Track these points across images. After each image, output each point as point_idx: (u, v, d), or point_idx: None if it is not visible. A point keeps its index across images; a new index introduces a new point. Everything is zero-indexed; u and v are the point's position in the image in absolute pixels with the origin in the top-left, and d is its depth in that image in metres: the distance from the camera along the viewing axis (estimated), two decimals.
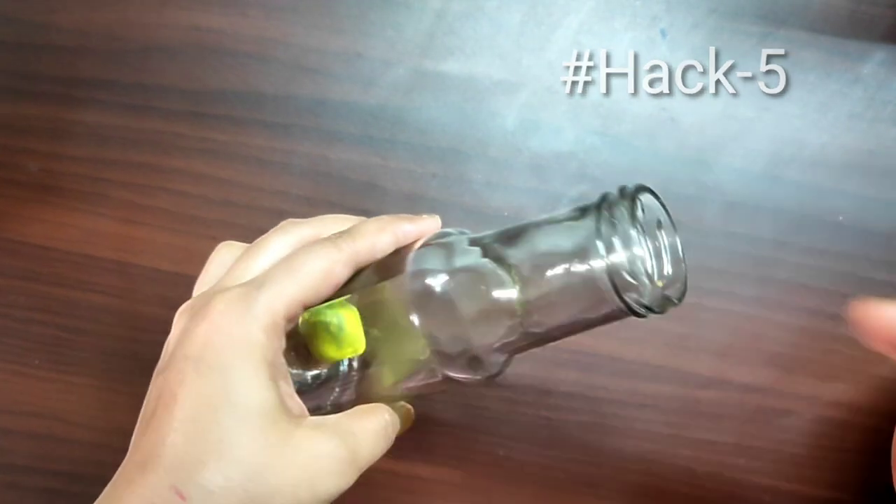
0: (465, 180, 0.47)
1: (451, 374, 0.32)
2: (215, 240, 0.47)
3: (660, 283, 0.28)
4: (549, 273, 0.29)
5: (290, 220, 0.35)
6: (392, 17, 0.47)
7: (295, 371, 0.36)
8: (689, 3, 0.45)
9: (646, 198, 0.29)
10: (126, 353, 0.49)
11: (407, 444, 0.47)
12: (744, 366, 0.47)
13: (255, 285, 0.31)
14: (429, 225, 0.35)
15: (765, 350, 0.47)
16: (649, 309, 0.28)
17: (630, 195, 0.28)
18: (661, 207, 0.30)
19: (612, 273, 0.27)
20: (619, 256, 0.27)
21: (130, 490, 0.29)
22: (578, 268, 0.28)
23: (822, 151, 0.46)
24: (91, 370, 0.49)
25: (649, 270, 0.28)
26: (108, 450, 0.33)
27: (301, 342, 0.34)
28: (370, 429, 0.33)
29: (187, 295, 0.34)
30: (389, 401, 0.35)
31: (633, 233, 0.27)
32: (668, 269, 0.29)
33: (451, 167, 0.47)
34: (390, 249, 0.33)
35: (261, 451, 0.29)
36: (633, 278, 0.27)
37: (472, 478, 0.48)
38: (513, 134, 0.46)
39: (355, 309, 0.33)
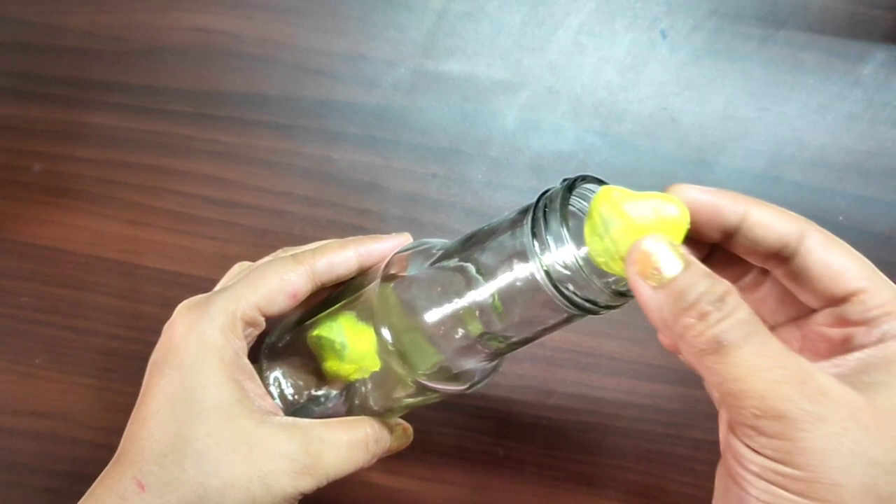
0: (466, 180, 0.47)
1: (428, 384, 0.32)
2: (219, 241, 0.48)
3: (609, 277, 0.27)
4: (499, 276, 0.28)
5: (286, 246, 0.38)
6: (394, 18, 0.47)
7: (302, 384, 0.36)
8: (690, 5, 0.46)
9: (596, 187, 0.28)
10: (130, 353, 0.49)
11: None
12: None
13: (216, 292, 0.34)
14: (397, 241, 0.36)
15: None
16: (597, 304, 0.27)
17: (562, 191, 0.27)
18: None
19: (549, 271, 0.26)
20: (555, 255, 0.26)
21: (103, 483, 0.31)
22: (522, 268, 0.28)
23: (822, 152, 0.46)
24: (95, 371, 0.49)
25: (585, 266, 0.26)
26: (111, 450, 0.33)
27: (310, 357, 0.36)
28: (343, 439, 0.33)
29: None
30: (380, 414, 0.36)
31: (563, 230, 0.26)
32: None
33: (453, 167, 0.47)
34: (353, 266, 0.35)
35: (216, 445, 0.31)
36: (571, 275, 0.26)
37: (472, 478, 0.48)
38: (513, 134, 0.46)
39: (369, 328, 0.33)
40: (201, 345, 0.32)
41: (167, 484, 0.31)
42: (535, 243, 0.27)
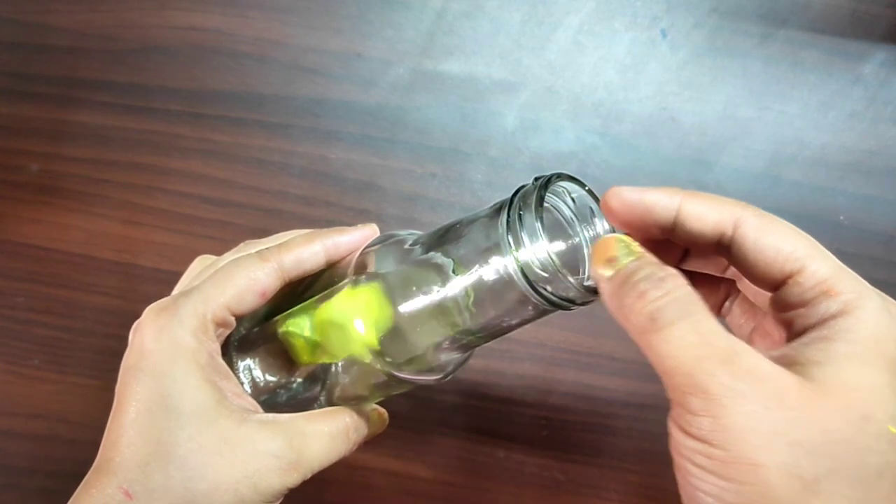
0: (464, 180, 0.47)
1: (402, 376, 0.32)
2: (214, 240, 0.48)
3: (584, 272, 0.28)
4: (474, 271, 0.29)
5: (248, 240, 0.37)
6: (391, 16, 0.47)
7: (275, 379, 0.36)
8: (690, 3, 0.45)
9: (570, 186, 0.28)
10: None
11: (407, 444, 0.47)
12: None
13: (183, 294, 0.33)
14: (363, 234, 0.35)
15: None
16: (571, 301, 0.27)
17: (537, 188, 0.27)
18: (588, 195, 0.29)
19: (523, 267, 0.27)
20: (529, 251, 0.27)
21: (86, 492, 0.31)
22: (497, 264, 0.28)
23: (823, 151, 0.46)
24: (92, 371, 0.49)
25: (558, 262, 0.26)
26: None
27: (282, 350, 0.35)
28: (324, 431, 0.33)
29: None
30: (356, 403, 0.36)
31: (537, 226, 0.26)
32: (587, 255, 0.29)
33: (451, 167, 0.47)
34: (321, 260, 0.35)
35: (199, 449, 0.31)
36: (545, 271, 0.26)
37: (472, 478, 0.48)
38: (513, 134, 0.46)
39: (342, 323, 0.33)
40: (174, 349, 0.32)
41: (154, 491, 0.30)
42: (510, 239, 0.27)
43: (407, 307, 0.30)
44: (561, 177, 0.28)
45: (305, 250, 0.35)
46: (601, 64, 0.46)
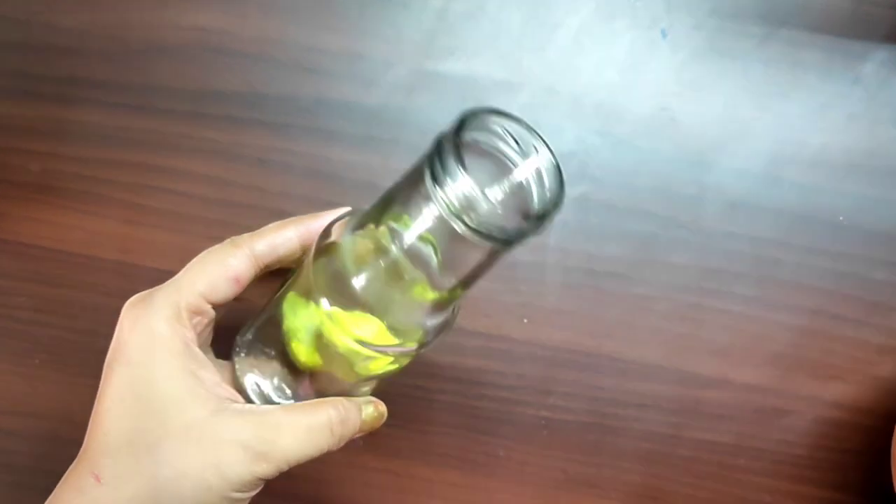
0: None
1: (376, 347, 0.32)
2: (216, 240, 0.47)
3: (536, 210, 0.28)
4: (413, 225, 0.29)
5: (234, 237, 0.38)
6: (392, 16, 0.47)
7: (275, 380, 0.36)
8: (690, 4, 0.45)
9: (510, 124, 0.29)
10: None
11: (407, 444, 0.48)
12: (744, 366, 0.47)
13: (158, 286, 0.35)
14: (335, 217, 0.36)
15: (765, 350, 0.47)
16: (509, 233, 0.27)
17: (455, 125, 0.27)
18: (526, 130, 0.29)
19: (450, 204, 0.26)
20: (454, 186, 0.26)
21: (65, 481, 0.33)
22: (431, 211, 0.28)
23: (823, 151, 0.46)
24: (92, 370, 0.48)
25: (491, 197, 0.26)
26: None
27: (277, 345, 0.36)
28: (302, 423, 0.33)
29: None
30: (348, 390, 0.36)
31: (457, 163, 0.26)
32: (532, 192, 0.29)
33: None
34: (295, 245, 0.35)
35: (167, 436, 0.32)
36: (472, 204, 0.26)
37: (472, 478, 0.48)
38: None
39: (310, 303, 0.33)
40: (147, 338, 0.33)
41: (121, 476, 0.31)
42: (433, 181, 0.27)
43: (361, 277, 0.31)
44: (478, 112, 0.28)
45: (278, 236, 0.35)
46: (601, 64, 0.46)
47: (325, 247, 0.33)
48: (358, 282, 0.31)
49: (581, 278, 0.47)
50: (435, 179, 0.27)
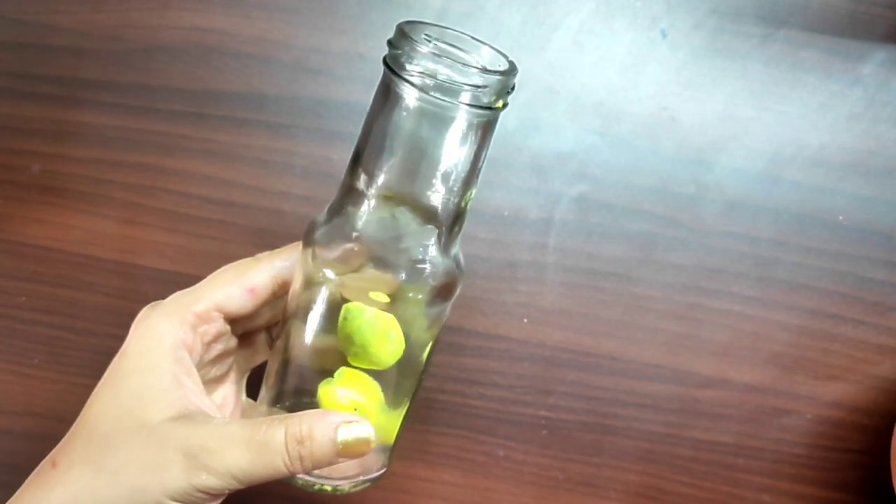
0: None
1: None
2: (217, 240, 0.48)
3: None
4: (388, 138, 0.32)
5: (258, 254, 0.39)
6: (393, 17, 0.47)
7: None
8: (690, 4, 0.45)
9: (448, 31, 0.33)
10: None
11: (406, 444, 0.47)
12: (744, 366, 0.47)
13: (180, 291, 0.36)
14: None
15: (765, 350, 0.47)
16: (477, 86, 0.30)
17: (401, 28, 0.31)
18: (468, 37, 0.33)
19: (412, 78, 0.30)
20: (418, 62, 0.30)
21: (37, 473, 0.35)
22: (400, 108, 0.31)
23: (822, 151, 0.46)
24: (93, 371, 0.49)
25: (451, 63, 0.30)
26: None
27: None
28: (253, 439, 0.31)
29: None
30: (409, 375, 0.37)
31: (413, 44, 0.30)
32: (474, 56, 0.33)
33: None
34: None
35: (117, 431, 0.33)
36: (438, 72, 0.30)
37: (471, 478, 0.48)
38: (513, 134, 0.46)
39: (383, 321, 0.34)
40: (146, 333, 0.34)
41: (73, 462, 0.33)
42: (396, 64, 0.30)
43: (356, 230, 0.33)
44: (415, 21, 0.32)
45: (298, 253, 0.36)
46: (601, 64, 0.46)
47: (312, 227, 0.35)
48: (357, 236, 0.32)
49: (580, 278, 0.47)
50: (398, 62, 0.30)
